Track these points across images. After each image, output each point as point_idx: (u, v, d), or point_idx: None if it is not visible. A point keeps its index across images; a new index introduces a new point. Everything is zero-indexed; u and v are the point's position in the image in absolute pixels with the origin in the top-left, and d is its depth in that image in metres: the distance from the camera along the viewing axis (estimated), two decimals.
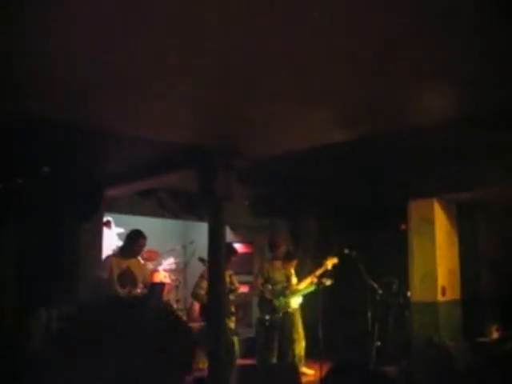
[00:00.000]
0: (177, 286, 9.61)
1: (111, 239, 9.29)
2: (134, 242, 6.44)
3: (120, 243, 9.73)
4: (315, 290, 7.65)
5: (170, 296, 9.35)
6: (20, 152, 5.56)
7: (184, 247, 9.84)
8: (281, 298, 7.41)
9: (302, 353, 7.77)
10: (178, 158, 6.39)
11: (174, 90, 4.76)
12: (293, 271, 7.77)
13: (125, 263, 6.23)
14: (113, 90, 4.72)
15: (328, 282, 7.63)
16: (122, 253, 6.53)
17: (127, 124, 5.55)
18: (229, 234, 10.13)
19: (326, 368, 7.63)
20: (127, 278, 6.03)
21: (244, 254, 10.17)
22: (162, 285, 7.15)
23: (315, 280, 7.60)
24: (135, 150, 6.26)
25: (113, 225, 9.03)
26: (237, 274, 8.04)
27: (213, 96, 5.03)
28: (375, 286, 8.04)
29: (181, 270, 9.94)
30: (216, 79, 4.60)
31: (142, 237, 6.57)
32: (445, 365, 6.94)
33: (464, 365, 6.81)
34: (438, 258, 8.06)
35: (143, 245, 6.62)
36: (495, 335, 7.35)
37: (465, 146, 6.89)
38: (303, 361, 7.85)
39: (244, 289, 8.59)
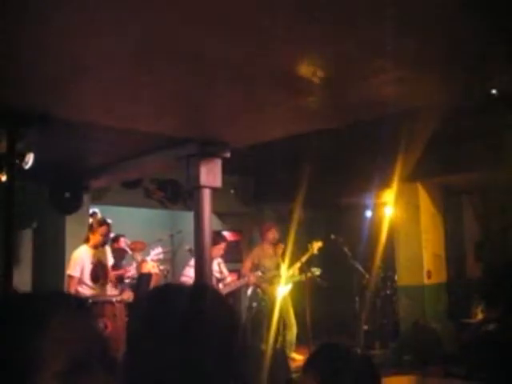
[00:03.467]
0: (165, 276, 9.62)
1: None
2: (95, 231, 6.15)
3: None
4: (305, 278, 7.71)
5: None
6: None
7: (172, 237, 9.83)
8: (268, 286, 7.44)
9: (294, 339, 7.82)
10: (162, 147, 6.39)
11: (155, 79, 4.76)
12: (280, 258, 7.79)
13: (94, 254, 6.01)
14: (92, 80, 4.71)
15: (317, 272, 7.68)
16: (89, 243, 6.19)
17: (111, 114, 5.54)
18: (216, 222, 10.18)
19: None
20: (100, 270, 5.89)
21: (233, 242, 10.20)
22: (149, 275, 7.15)
23: (303, 268, 7.64)
24: (119, 141, 6.24)
25: (99, 216, 8.99)
26: (226, 261, 8.08)
27: (195, 84, 5.04)
28: (362, 270, 8.12)
29: (169, 260, 9.93)
30: (197, 67, 4.60)
31: (103, 224, 6.29)
32: (431, 346, 7.04)
33: (450, 346, 6.93)
34: (423, 241, 8.15)
35: (106, 233, 6.28)
36: (480, 316, 7.45)
37: (450, 129, 6.96)
38: (294, 347, 7.91)
39: (233, 277, 8.64)
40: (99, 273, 5.86)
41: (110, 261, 6.21)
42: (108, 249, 6.97)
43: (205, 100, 5.43)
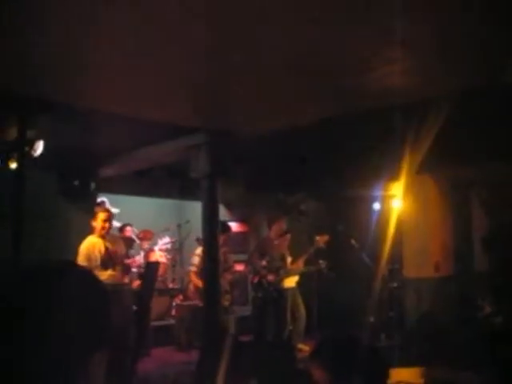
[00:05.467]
0: (173, 266, 9.66)
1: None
2: (103, 221, 6.08)
3: (116, 224, 9.77)
4: (311, 270, 7.72)
5: (166, 275, 9.40)
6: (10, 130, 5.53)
7: (179, 226, 9.86)
8: (274, 277, 7.43)
9: (302, 330, 7.82)
10: (171, 136, 6.39)
11: (166, 67, 4.77)
12: (287, 249, 7.79)
13: (102, 243, 5.99)
14: (104, 68, 4.71)
15: (324, 265, 7.68)
16: (96, 233, 6.14)
17: (121, 102, 5.55)
18: (224, 213, 10.19)
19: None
20: (109, 258, 5.89)
21: (240, 233, 10.21)
22: (156, 263, 7.18)
23: (310, 260, 7.65)
24: (129, 129, 6.25)
25: (107, 205, 9.02)
26: (233, 252, 8.09)
27: (204, 74, 5.03)
28: (369, 262, 8.11)
29: (176, 250, 9.97)
30: (207, 57, 4.60)
31: (103, 211, 6.25)
32: (438, 339, 7.03)
33: (457, 339, 6.91)
34: (431, 234, 8.12)
35: (107, 219, 6.17)
36: (487, 310, 7.43)
37: (459, 121, 6.90)
38: (301, 338, 7.90)
39: (240, 267, 8.65)
40: (108, 261, 5.89)
41: (122, 249, 6.23)
42: (118, 236, 7.01)
43: (215, 88, 5.43)
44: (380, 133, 7.30)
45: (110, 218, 6.18)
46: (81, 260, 5.77)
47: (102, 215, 6.08)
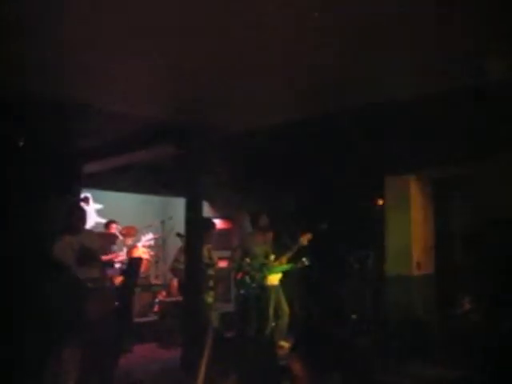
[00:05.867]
0: (156, 262, 9.67)
1: (90, 216, 9.28)
2: (77, 216, 6.00)
3: (99, 220, 9.76)
4: (294, 267, 7.74)
5: (149, 272, 9.41)
6: None
7: (163, 223, 9.87)
8: (257, 274, 7.45)
9: (285, 327, 7.85)
10: (154, 133, 6.40)
11: (150, 65, 4.78)
12: (270, 246, 7.81)
13: (76, 240, 5.86)
14: (88, 64, 4.71)
15: (306, 262, 7.71)
16: (69, 229, 5.99)
17: (104, 98, 5.55)
18: (208, 210, 10.20)
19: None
20: (84, 254, 5.81)
21: (224, 230, 10.23)
22: (139, 259, 7.17)
23: (292, 259, 7.68)
24: (112, 126, 6.25)
25: (91, 201, 9.02)
26: (216, 249, 8.10)
27: (188, 72, 5.06)
28: (351, 260, 8.18)
29: (160, 246, 9.98)
30: (191, 55, 4.62)
31: (84, 210, 6.18)
32: (418, 336, 7.11)
33: (436, 335, 7.01)
34: (413, 233, 8.20)
35: (81, 216, 6.10)
36: (467, 307, 7.54)
37: (438, 122, 7.00)
38: (284, 335, 7.93)
39: (223, 264, 8.67)
40: (84, 257, 5.79)
41: (98, 245, 6.15)
42: (92, 232, 6.94)
43: (201, 85, 5.46)
44: (363, 133, 7.39)
45: (83, 215, 6.11)
46: (55, 256, 5.68)
47: (77, 214, 6.01)
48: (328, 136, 7.68)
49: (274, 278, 7.73)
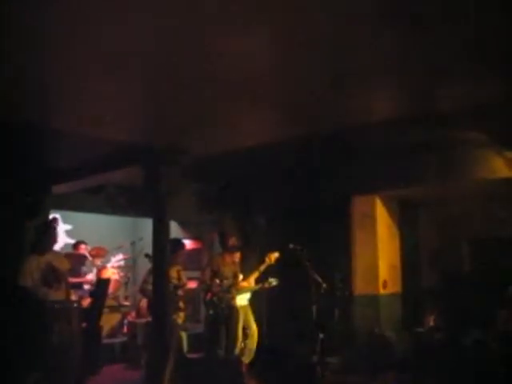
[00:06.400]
0: (126, 283, 9.65)
1: (59, 236, 9.26)
2: (46, 236, 6.04)
3: (68, 240, 9.73)
4: (261, 288, 7.81)
5: (118, 293, 9.39)
6: None
7: (133, 244, 9.87)
8: (225, 295, 7.50)
9: (254, 347, 7.89)
10: (124, 155, 6.47)
11: (120, 88, 4.86)
12: (238, 267, 7.87)
13: (44, 260, 5.86)
14: (58, 88, 4.79)
15: (274, 283, 7.79)
16: (36, 250, 6.03)
17: (73, 122, 5.61)
18: (178, 231, 10.25)
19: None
20: (50, 275, 5.80)
21: (193, 250, 10.27)
22: (106, 280, 7.18)
23: (260, 278, 7.76)
24: (81, 148, 6.30)
25: (60, 222, 8.99)
26: (186, 269, 8.14)
27: (160, 95, 5.15)
28: (319, 280, 8.27)
29: (130, 267, 9.97)
30: (163, 77, 4.71)
31: (53, 230, 6.22)
32: (385, 354, 7.24)
33: (402, 353, 7.14)
34: (379, 252, 8.36)
35: (50, 235, 6.17)
36: (430, 324, 7.69)
37: (402, 143, 7.19)
38: (253, 354, 7.97)
39: (193, 284, 8.71)
40: (50, 278, 5.78)
41: (65, 265, 6.15)
42: (61, 253, 6.93)
43: (167, 108, 5.55)
44: (328, 155, 7.56)
45: (53, 234, 6.11)
46: (21, 278, 5.66)
47: (47, 233, 6.02)
48: (298, 157, 7.83)
49: (243, 298, 7.81)
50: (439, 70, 4.73)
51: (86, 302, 7.00)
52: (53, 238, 6.11)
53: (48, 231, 6.07)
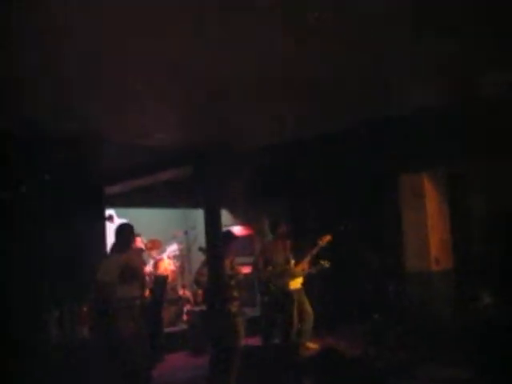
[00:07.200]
0: (181, 273, 9.94)
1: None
2: (124, 236, 6.26)
3: None
4: (314, 271, 7.95)
5: (175, 282, 9.68)
6: (21, 160, 5.86)
7: (186, 233, 10.15)
8: (278, 280, 7.66)
9: (310, 329, 8.05)
10: (174, 158, 6.67)
11: (167, 95, 5.03)
12: (290, 252, 8.00)
13: (122, 259, 6.14)
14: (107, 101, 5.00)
15: (326, 264, 7.90)
16: (116, 249, 6.35)
17: (126, 131, 5.85)
18: (229, 218, 10.46)
19: (327, 341, 8.03)
20: (128, 273, 6.07)
21: (245, 236, 10.45)
22: (164, 277, 7.43)
23: (313, 261, 7.88)
24: (134, 155, 6.54)
25: (115, 218, 9.30)
26: (240, 255, 8.33)
27: (201, 97, 5.30)
28: (372, 259, 8.35)
29: (185, 256, 10.25)
30: (202, 80, 4.85)
31: (131, 229, 6.43)
32: (437, 332, 7.27)
33: (456, 330, 7.15)
34: (429, 229, 8.33)
35: (133, 236, 6.50)
36: (487, 301, 7.65)
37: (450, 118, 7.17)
38: (309, 336, 8.14)
39: (247, 270, 8.91)
40: (126, 276, 6.03)
41: (142, 262, 6.37)
42: (138, 251, 7.15)
43: (212, 111, 5.70)
44: (377, 137, 7.59)
45: (130, 233, 6.37)
46: (99, 275, 5.95)
47: (132, 234, 6.29)
48: (341, 142, 7.88)
49: (296, 282, 7.94)
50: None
51: (147, 294, 7.27)
52: (131, 237, 6.38)
53: (127, 230, 6.33)
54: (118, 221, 9.84)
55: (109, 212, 8.63)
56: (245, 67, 4.65)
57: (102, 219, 7.65)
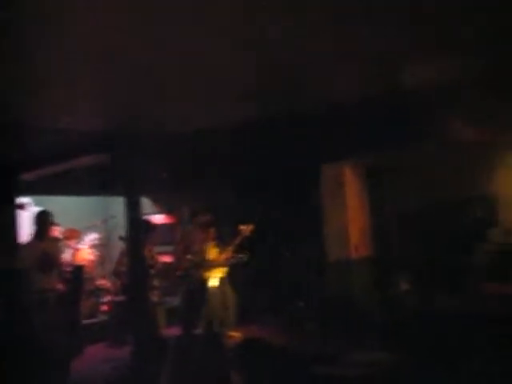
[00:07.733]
0: (102, 262, 9.70)
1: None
2: (40, 223, 6.23)
3: None
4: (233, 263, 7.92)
5: (95, 272, 9.43)
6: None
7: (105, 222, 9.89)
8: (197, 269, 7.60)
9: (233, 319, 8.02)
10: (92, 142, 6.46)
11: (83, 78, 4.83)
12: (212, 242, 7.94)
13: (40, 247, 6.05)
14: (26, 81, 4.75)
15: (246, 258, 7.88)
16: (34, 236, 6.29)
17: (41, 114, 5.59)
18: (151, 206, 10.29)
19: (249, 330, 8.06)
20: (44, 262, 5.90)
21: (167, 225, 10.31)
22: (81, 267, 7.26)
23: (236, 250, 7.84)
24: (50, 139, 6.27)
25: (32, 206, 8.92)
26: (160, 244, 8.21)
27: (121, 81, 5.13)
28: (290, 250, 8.45)
29: (104, 245, 9.99)
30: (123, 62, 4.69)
31: (47, 217, 6.39)
32: (358, 317, 7.45)
33: (375, 317, 7.36)
34: (349, 218, 8.51)
35: (49, 224, 6.44)
36: (404, 287, 7.91)
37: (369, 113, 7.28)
38: (233, 326, 8.11)
39: (168, 259, 8.79)
40: (43, 264, 5.87)
41: (59, 251, 6.24)
42: (56, 239, 6.99)
43: (132, 91, 5.52)
44: (298, 127, 7.63)
45: (48, 221, 6.19)
46: (18, 263, 5.76)
47: (49, 221, 6.21)
48: (264, 129, 7.87)
49: (219, 271, 7.89)
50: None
51: (62, 287, 7.04)
52: (49, 225, 6.18)
53: (45, 218, 6.12)
54: (35, 209, 9.52)
55: (22, 200, 8.28)
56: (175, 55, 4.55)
57: (13, 207, 7.27)
